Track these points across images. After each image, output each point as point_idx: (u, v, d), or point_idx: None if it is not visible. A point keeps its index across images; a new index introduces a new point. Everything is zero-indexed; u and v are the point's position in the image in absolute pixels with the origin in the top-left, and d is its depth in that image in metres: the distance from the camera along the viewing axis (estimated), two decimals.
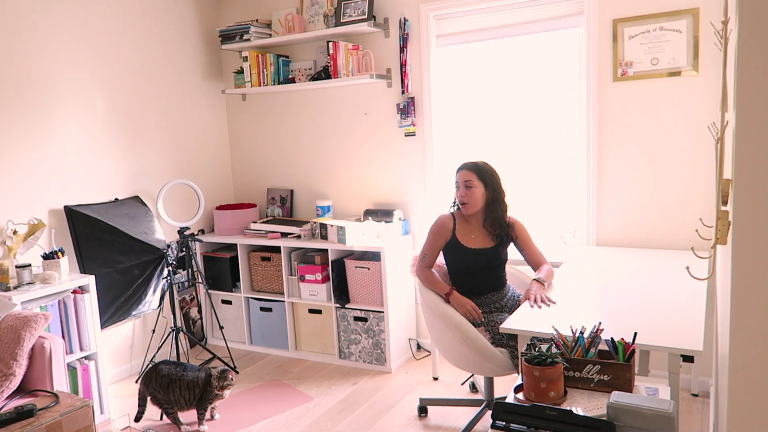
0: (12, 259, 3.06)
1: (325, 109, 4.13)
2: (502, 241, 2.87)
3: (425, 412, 3.13)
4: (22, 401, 2.49)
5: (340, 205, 4.18)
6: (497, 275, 2.91)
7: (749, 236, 1.06)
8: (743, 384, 1.10)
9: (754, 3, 1.00)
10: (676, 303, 2.35)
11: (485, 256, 2.84)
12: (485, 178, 2.81)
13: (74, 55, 3.48)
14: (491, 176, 2.83)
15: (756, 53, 1.01)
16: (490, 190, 2.82)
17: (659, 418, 1.43)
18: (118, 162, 3.76)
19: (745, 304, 1.07)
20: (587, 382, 1.72)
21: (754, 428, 1.10)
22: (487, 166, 2.86)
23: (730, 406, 1.13)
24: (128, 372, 3.83)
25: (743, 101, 1.04)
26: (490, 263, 2.86)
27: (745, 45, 1.02)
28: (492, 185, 2.82)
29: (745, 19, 1.02)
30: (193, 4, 4.22)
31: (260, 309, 4.12)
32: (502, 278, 2.93)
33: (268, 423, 3.13)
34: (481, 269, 2.86)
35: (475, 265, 2.85)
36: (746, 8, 1.01)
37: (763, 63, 1.01)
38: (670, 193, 3.20)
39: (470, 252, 2.83)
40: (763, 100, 1.01)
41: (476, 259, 2.83)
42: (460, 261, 2.87)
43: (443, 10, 3.62)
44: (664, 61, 3.10)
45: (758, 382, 1.08)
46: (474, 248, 2.83)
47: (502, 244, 2.87)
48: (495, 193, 2.82)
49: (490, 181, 2.81)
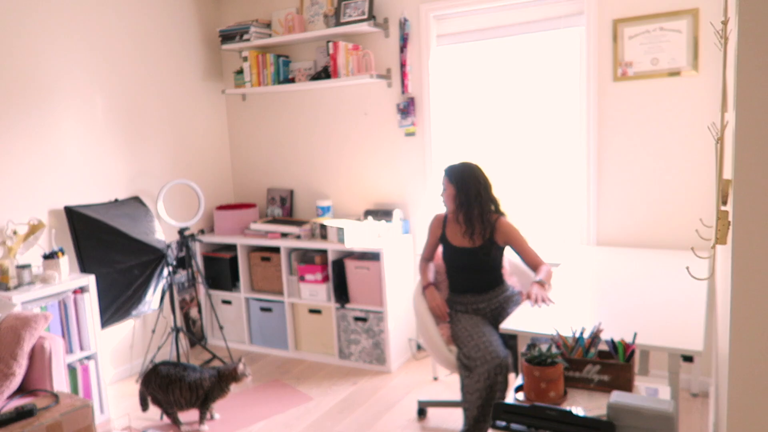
0: (12, 259, 3.05)
1: (325, 109, 4.13)
2: (488, 243, 2.87)
3: (424, 414, 3.13)
4: (22, 401, 2.49)
5: (340, 205, 4.18)
6: (481, 277, 2.92)
7: (749, 236, 1.06)
8: (743, 384, 1.10)
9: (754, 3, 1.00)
10: (676, 303, 2.35)
11: (467, 255, 2.89)
12: (454, 179, 2.87)
13: (74, 55, 3.49)
14: (461, 177, 2.86)
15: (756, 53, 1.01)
16: (461, 190, 2.85)
17: (659, 418, 1.43)
18: (119, 162, 3.76)
19: (745, 304, 1.07)
20: (587, 382, 1.72)
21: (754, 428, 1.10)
22: (462, 167, 2.89)
23: (730, 406, 1.13)
24: (128, 372, 3.83)
25: (743, 101, 1.04)
26: (471, 263, 2.90)
27: (745, 45, 1.02)
28: (462, 186, 2.85)
29: (745, 19, 1.02)
30: (193, 4, 4.22)
31: (260, 309, 4.12)
32: (488, 281, 2.93)
33: (268, 423, 3.13)
34: (462, 267, 2.94)
35: (456, 263, 2.95)
36: (746, 8, 1.01)
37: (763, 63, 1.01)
38: (670, 193, 3.20)
39: (454, 249, 2.93)
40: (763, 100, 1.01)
41: (458, 256, 2.92)
42: (446, 256, 3.00)
43: (443, 10, 3.62)
44: (664, 61, 3.10)
45: (758, 382, 1.08)
46: (457, 246, 2.91)
47: (489, 246, 2.87)
48: (467, 193, 2.84)
49: (460, 183, 2.85)
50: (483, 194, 2.86)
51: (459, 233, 2.91)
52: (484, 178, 2.89)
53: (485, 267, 2.91)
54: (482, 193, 2.86)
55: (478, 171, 2.89)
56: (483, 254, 2.87)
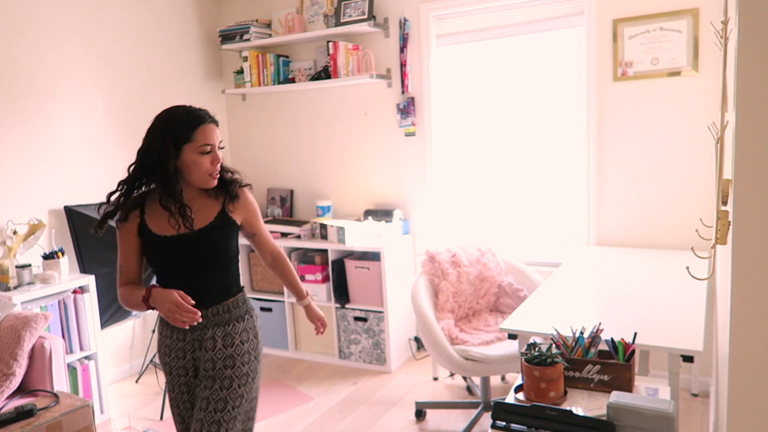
0: (12, 259, 3.05)
1: (325, 109, 4.13)
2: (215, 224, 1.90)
3: (423, 415, 3.13)
4: (22, 401, 2.49)
5: (340, 205, 4.18)
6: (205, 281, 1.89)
7: (749, 236, 1.05)
8: (743, 384, 1.10)
9: (754, 3, 1.00)
10: (676, 303, 2.35)
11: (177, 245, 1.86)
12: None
13: (75, 56, 3.48)
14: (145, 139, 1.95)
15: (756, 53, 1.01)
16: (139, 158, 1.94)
17: (659, 418, 1.43)
18: (119, 162, 3.75)
19: (745, 304, 1.07)
20: (587, 382, 1.72)
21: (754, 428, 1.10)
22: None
23: (730, 406, 1.13)
24: (128, 372, 3.83)
25: (743, 101, 1.04)
26: (186, 256, 1.87)
27: (745, 45, 1.02)
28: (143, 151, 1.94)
29: (745, 19, 1.01)
30: (193, 4, 4.21)
31: (260, 309, 4.12)
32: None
33: (268, 423, 3.13)
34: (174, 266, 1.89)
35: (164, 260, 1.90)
36: (746, 8, 1.01)
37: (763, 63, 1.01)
38: (670, 192, 3.20)
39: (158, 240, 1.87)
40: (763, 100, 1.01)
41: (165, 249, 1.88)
42: (149, 256, 1.93)
43: (443, 10, 3.62)
44: (664, 61, 3.10)
45: (758, 382, 1.08)
46: (162, 235, 1.87)
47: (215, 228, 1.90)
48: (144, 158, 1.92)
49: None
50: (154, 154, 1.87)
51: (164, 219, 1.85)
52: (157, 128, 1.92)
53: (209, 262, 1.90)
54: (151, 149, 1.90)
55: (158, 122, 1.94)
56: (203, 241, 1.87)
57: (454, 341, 2.92)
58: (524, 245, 3.74)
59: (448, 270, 3.19)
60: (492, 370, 2.87)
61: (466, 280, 3.25)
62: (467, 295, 3.27)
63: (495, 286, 3.34)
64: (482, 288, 3.33)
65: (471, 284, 3.28)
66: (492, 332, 3.06)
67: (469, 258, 3.29)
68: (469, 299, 3.29)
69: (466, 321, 3.25)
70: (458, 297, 3.22)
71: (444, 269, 3.18)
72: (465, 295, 3.26)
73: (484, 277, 3.32)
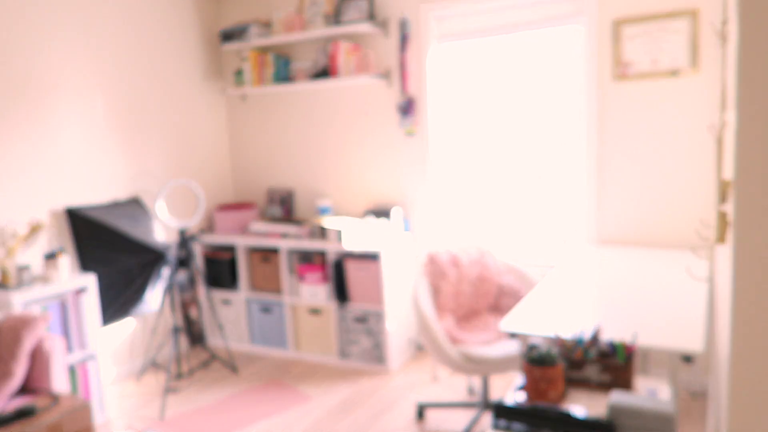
0: (12, 259, 3.06)
1: (325, 109, 4.14)
2: None
3: (423, 415, 3.13)
4: (22, 401, 2.49)
5: (340, 204, 4.18)
6: None
7: (749, 236, 1.05)
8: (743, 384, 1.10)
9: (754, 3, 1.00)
10: (676, 303, 2.36)
11: None
12: None
13: (74, 56, 3.49)
14: None
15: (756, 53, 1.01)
16: None
17: (659, 418, 1.43)
18: (119, 162, 3.76)
19: (745, 304, 1.07)
20: (587, 382, 1.72)
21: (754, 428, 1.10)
22: None
23: (730, 406, 1.13)
24: (128, 372, 3.83)
25: (743, 101, 1.04)
26: None
27: (745, 45, 1.02)
28: None
29: (745, 19, 1.01)
30: (193, 4, 4.22)
31: (260, 309, 4.12)
32: None
33: (268, 423, 3.13)
34: None
35: None
36: (746, 8, 1.01)
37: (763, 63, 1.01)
38: (670, 192, 3.20)
39: None
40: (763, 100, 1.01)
41: None
42: None
43: (443, 10, 3.62)
44: (664, 61, 3.10)
45: (758, 382, 1.08)
46: None
47: None
48: None
49: None
50: None
51: None
52: None
53: None
54: None
55: None
56: None
57: (454, 341, 2.92)
58: (524, 245, 3.74)
59: (448, 270, 3.19)
60: (492, 370, 2.87)
61: (466, 281, 3.25)
62: (467, 296, 3.27)
63: (495, 286, 3.35)
64: (482, 288, 3.33)
65: (471, 284, 3.28)
66: (492, 332, 3.06)
67: (469, 258, 3.30)
68: (469, 299, 3.29)
69: (466, 321, 3.25)
70: (458, 297, 3.22)
71: (444, 270, 3.18)
72: (465, 296, 3.26)
73: (484, 278, 3.32)
